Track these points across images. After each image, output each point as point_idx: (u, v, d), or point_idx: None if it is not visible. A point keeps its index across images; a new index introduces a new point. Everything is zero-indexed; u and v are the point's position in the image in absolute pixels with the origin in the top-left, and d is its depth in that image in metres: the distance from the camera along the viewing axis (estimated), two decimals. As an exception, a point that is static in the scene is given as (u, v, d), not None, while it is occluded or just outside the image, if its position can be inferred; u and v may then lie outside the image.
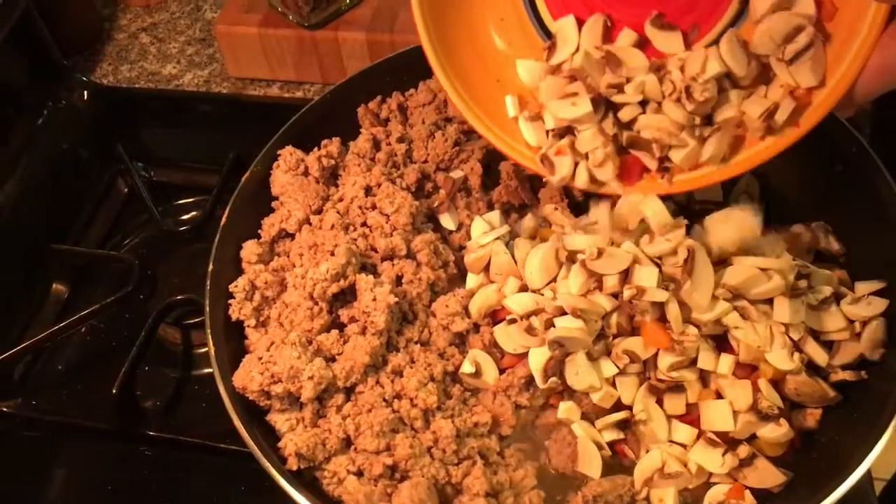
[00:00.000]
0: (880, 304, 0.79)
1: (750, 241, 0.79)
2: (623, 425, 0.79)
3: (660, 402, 0.78)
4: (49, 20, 1.21)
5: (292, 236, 0.90)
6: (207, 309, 0.82)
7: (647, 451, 0.77)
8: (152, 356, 0.99)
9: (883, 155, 0.83)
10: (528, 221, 0.89)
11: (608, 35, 0.77)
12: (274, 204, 0.92)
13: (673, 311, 0.74)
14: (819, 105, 0.69)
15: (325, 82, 1.26)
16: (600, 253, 0.77)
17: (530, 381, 0.79)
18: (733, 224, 0.79)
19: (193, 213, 1.16)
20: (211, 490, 0.92)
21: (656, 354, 0.77)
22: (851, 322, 0.79)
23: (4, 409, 1.00)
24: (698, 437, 0.76)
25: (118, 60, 1.36)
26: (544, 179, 0.81)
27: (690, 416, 0.78)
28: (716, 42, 0.74)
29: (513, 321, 0.80)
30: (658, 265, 0.76)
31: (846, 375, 0.77)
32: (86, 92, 1.26)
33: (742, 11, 0.73)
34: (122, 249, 1.14)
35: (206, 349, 0.80)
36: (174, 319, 1.03)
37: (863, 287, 0.81)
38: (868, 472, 0.81)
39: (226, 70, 1.30)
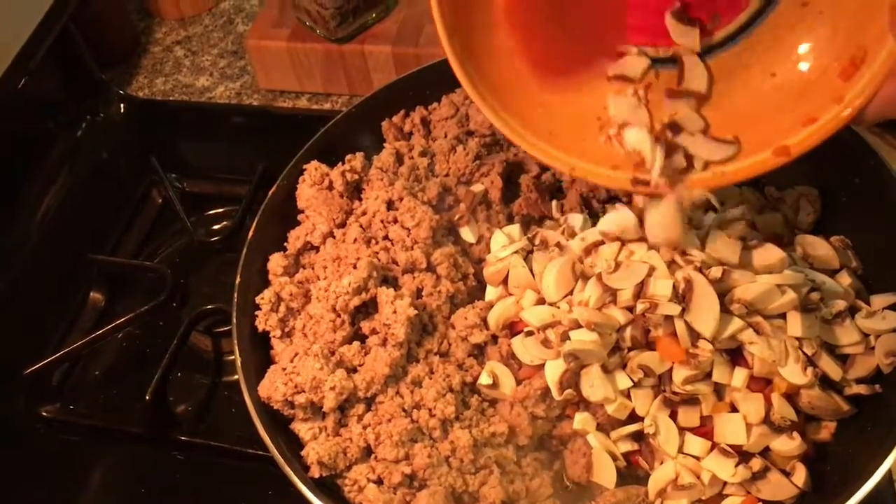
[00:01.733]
0: (895, 318, 0.79)
1: None
2: (638, 436, 0.80)
3: (674, 415, 0.78)
4: (87, 35, 1.25)
5: (317, 249, 0.92)
6: (234, 320, 0.85)
7: (662, 463, 0.78)
8: (184, 363, 1.03)
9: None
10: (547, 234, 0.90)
11: None
12: (299, 217, 0.94)
13: (680, 327, 0.75)
14: (831, 119, 0.70)
15: (353, 93, 1.29)
16: (617, 266, 0.79)
17: (546, 392, 0.80)
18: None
19: (224, 223, 1.18)
20: (239, 494, 0.94)
21: (671, 367, 0.78)
22: (866, 336, 0.80)
23: (44, 414, 1.03)
24: (711, 449, 0.77)
25: (153, 73, 1.40)
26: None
27: (704, 428, 0.78)
28: (734, 37, 0.73)
29: (530, 333, 0.82)
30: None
31: (860, 389, 0.78)
32: (122, 105, 1.30)
33: (765, 8, 0.71)
34: (156, 259, 1.17)
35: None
36: (205, 328, 1.06)
37: (878, 300, 0.82)
38: (889, 479, 0.82)
39: (256, 82, 1.33)
